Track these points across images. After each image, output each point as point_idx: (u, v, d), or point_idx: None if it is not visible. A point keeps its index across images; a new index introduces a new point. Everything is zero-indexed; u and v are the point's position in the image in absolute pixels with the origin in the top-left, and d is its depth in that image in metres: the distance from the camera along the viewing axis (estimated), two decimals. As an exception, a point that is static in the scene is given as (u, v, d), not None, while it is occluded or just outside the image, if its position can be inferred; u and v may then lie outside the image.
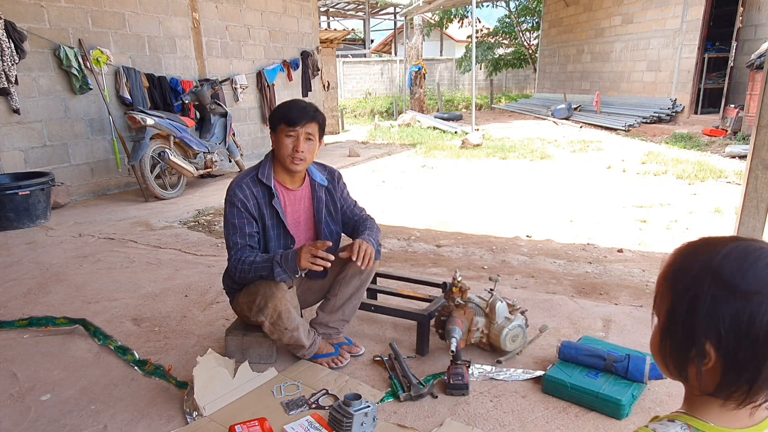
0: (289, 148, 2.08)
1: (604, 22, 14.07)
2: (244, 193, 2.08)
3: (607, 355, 2.05)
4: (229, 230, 2.10)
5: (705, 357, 0.70)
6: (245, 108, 8.19)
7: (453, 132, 12.01)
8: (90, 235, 4.46)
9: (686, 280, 0.72)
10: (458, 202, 5.80)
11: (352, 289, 2.29)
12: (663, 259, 0.79)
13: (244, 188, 2.09)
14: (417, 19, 17.08)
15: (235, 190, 2.09)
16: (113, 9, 6.03)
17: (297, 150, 2.08)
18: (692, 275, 0.71)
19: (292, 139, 2.08)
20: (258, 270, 2.05)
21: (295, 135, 2.07)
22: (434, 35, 27.59)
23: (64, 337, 2.59)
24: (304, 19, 9.29)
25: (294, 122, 2.06)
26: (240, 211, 2.07)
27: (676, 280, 0.74)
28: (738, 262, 0.69)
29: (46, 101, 5.50)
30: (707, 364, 0.70)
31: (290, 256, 2.01)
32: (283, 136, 2.08)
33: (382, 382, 2.15)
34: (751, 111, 8.77)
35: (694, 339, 0.70)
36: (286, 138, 2.08)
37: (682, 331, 0.72)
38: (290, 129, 2.07)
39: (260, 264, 2.04)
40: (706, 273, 0.70)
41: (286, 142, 2.08)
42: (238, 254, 2.08)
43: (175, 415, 1.95)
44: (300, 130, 2.07)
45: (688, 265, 0.73)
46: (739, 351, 0.67)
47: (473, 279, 3.29)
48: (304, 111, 2.09)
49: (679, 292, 0.73)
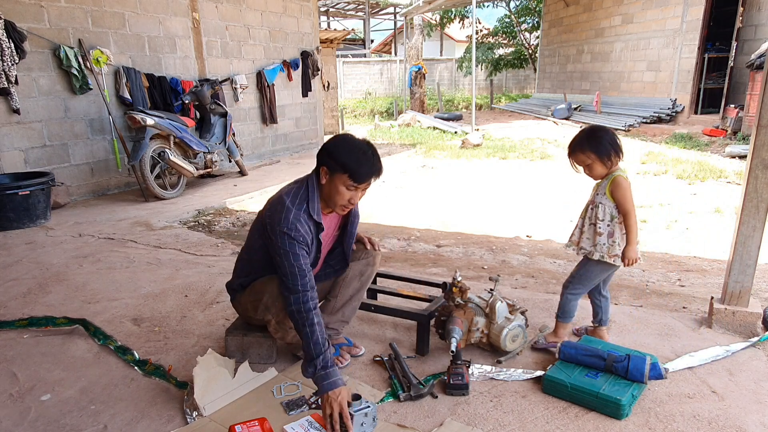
0: (345, 199, 1.97)
1: (604, 22, 14.06)
2: (304, 229, 1.97)
3: (607, 355, 2.05)
4: (291, 258, 1.93)
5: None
6: (245, 108, 8.19)
7: (453, 132, 12.01)
8: (90, 235, 4.46)
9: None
10: (458, 202, 5.80)
11: (352, 291, 2.29)
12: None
13: (303, 224, 1.97)
14: (417, 19, 17.09)
15: (296, 225, 1.94)
16: (113, 9, 6.03)
17: (353, 203, 2.02)
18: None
19: (352, 193, 1.97)
20: (302, 330, 1.89)
21: (355, 189, 1.96)
22: (434, 35, 27.59)
23: (64, 337, 2.59)
24: (304, 19, 9.29)
25: (361, 180, 1.94)
26: (301, 246, 1.95)
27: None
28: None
29: (46, 101, 5.49)
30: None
31: (324, 375, 1.82)
32: (342, 187, 1.95)
33: (382, 382, 2.15)
34: (751, 111, 8.77)
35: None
36: (345, 189, 1.95)
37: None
38: (353, 184, 1.94)
39: (309, 330, 1.87)
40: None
41: (344, 193, 1.96)
42: (307, 281, 1.93)
43: (175, 415, 1.95)
44: (363, 187, 1.98)
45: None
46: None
47: (473, 279, 3.29)
48: (374, 169, 1.96)
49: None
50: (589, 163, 2.20)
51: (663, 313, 2.76)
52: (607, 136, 2.18)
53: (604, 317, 2.39)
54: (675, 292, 3.14)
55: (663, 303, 2.95)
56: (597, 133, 2.20)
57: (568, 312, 2.32)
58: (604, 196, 2.20)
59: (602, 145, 2.15)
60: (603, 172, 2.20)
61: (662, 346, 2.39)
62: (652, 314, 2.73)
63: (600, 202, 2.21)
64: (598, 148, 2.16)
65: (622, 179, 2.16)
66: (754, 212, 2.36)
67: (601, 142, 2.16)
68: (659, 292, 3.11)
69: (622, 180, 2.16)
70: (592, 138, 2.19)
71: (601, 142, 2.16)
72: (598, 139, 2.17)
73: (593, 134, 2.20)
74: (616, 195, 2.17)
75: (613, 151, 2.15)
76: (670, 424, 1.84)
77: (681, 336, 2.48)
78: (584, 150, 2.19)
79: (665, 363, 2.17)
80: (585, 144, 2.19)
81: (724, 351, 2.30)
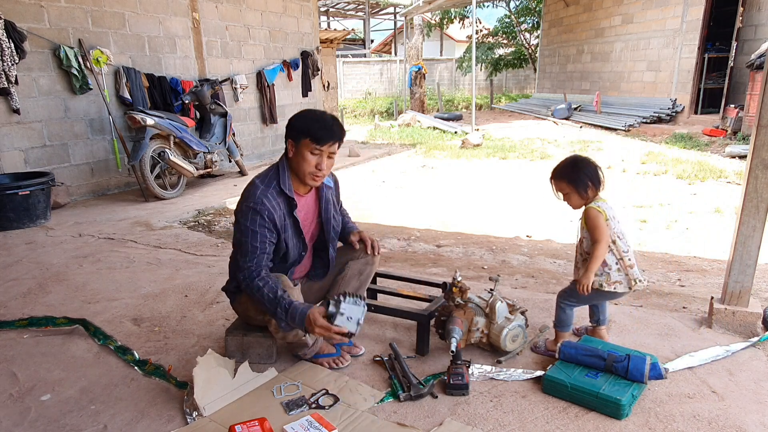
0: (312, 164, 2.03)
1: (604, 22, 14.07)
2: (271, 204, 2.02)
3: (607, 355, 2.05)
4: (248, 236, 2.01)
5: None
6: (245, 108, 8.19)
7: (453, 132, 12.01)
8: (90, 235, 4.46)
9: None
10: (458, 202, 5.80)
11: (351, 290, 2.29)
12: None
13: (271, 199, 2.03)
14: (417, 19, 17.09)
15: (262, 199, 2.01)
16: (113, 9, 6.03)
17: (320, 168, 2.05)
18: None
19: (317, 157, 2.03)
20: (266, 300, 1.97)
21: (320, 153, 2.03)
22: (434, 35, 27.60)
23: (64, 337, 2.59)
24: (304, 19, 9.29)
25: (321, 141, 2.01)
26: (264, 220, 2.00)
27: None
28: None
29: (46, 101, 5.50)
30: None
31: (297, 317, 1.91)
32: (307, 152, 2.02)
33: (382, 382, 2.15)
34: (751, 111, 8.77)
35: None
36: (310, 154, 2.02)
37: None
38: (316, 147, 2.01)
39: (270, 295, 1.96)
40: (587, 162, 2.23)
41: (310, 159, 2.03)
42: (255, 261, 2.01)
43: (175, 415, 1.95)
44: (326, 149, 2.03)
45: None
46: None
47: (473, 279, 3.29)
48: (332, 130, 2.03)
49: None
50: (567, 193, 2.22)
51: (663, 313, 2.76)
52: (588, 169, 2.18)
53: (602, 317, 2.39)
54: (675, 292, 3.14)
55: (663, 303, 2.95)
56: (578, 163, 2.21)
57: (564, 321, 2.31)
58: (584, 229, 2.22)
59: (580, 177, 2.17)
60: (579, 203, 2.22)
61: (662, 346, 2.39)
62: (652, 314, 2.73)
63: (585, 236, 2.23)
64: (575, 179, 2.18)
65: (593, 211, 2.15)
66: (754, 212, 2.36)
67: (580, 174, 2.17)
68: (659, 292, 3.11)
69: (592, 211, 2.16)
70: (572, 168, 2.20)
71: (579, 173, 2.18)
72: (577, 170, 2.19)
73: (574, 165, 2.21)
74: (587, 226, 2.18)
75: (591, 184, 2.16)
76: (670, 424, 1.84)
77: (681, 336, 2.48)
78: (562, 180, 2.22)
79: (665, 363, 2.17)
80: (564, 174, 2.21)
81: (724, 351, 2.30)
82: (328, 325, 1.87)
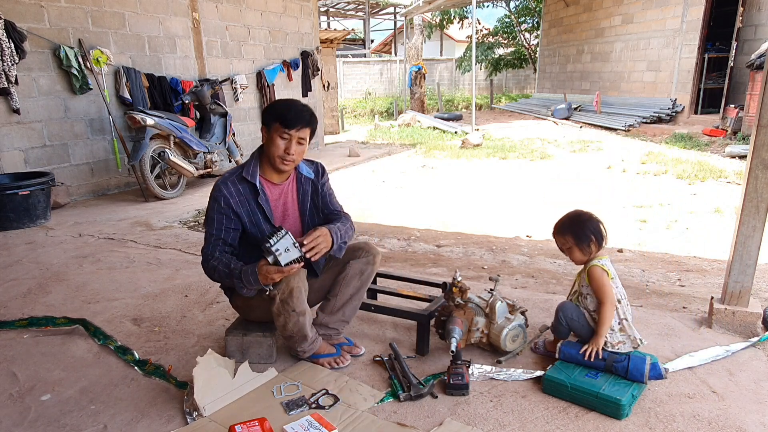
0: (281, 149, 2.09)
1: (604, 22, 14.07)
2: (228, 191, 2.11)
3: (607, 354, 2.05)
4: (207, 223, 2.14)
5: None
6: (245, 108, 8.19)
7: (453, 132, 12.01)
8: (90, 235, 4.46)
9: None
10: (458, 202, 5.80)
11: (352, 290, 2.29)
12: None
13: (229, 186, 2.12)
14: (417, 19, 17.10)
15: (220, 186, 2.11)
16: (113, 9, 6.03)
17: (288, 152, 2.09)
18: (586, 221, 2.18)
19: (285, 142, 2.08)
20: (222, 276, 2.06)
21: (288, 137, 2.08)
22: (434, 35, 27.58)
23: (64, 337, 2.59)
24: (304, 19, 9.29)
25: (290, 125, 2.06)
26: (221, 207, 2.10)
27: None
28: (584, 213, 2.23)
29: (46, 101, 5.50)
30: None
31: (251, 277, 1.98)
32: (277, 136, 2.08)
33: (382, 382, 2.15)
34: (751, 111, 8.77)
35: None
36: (279, 138, 2.08)
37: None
38: (285, 131, 2.07)
39: (224, 270, 2.03)
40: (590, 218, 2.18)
41: (279, 143, 2.08)
42: (211, 247, 2.11)
43: (175, 415, 1.95)
44: (294, 134, 2.08)
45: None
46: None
47: (473, 279, 3.29)
48: (301, 115, 2.09)
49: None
50: (569, 247, 2.18)
51: (663, 313, 2.76)
52: (591, 224, 2.15)
53: None
54: (675, 292, 3.14)
55: (663, 303, 2.95)
56: (581, 218, 2.18)
57: (561, 333, 2.27)
58: (588, 287, 2.15)
59: (583, 232, 2.13)
60: (582, 258, 2.18)
61: (662, 346, 2.39)
62: (652, 314, 2.73)
63: (587, 294, 2.17)
64: (578, 234, 2.14)
65: (597, 270, 2.10)
66: (754, 212, 2.36)
67: (583, 229, 2.14)
68: (659, 292, 3.11)
69: (596, 270, 2.10)
70: (574, 223, 2.17)
71: (582, 228, 2.14)
72: (580, 225, 2.15)
73: (577, 219, 2.18)
74: (592, 285, 2.12)
75: (594, 240, 2.13)
76: (670, 424, 1.84)
77: (681, 336, 2.48)
78: (565, 234, 2.18)
79: (665, 363, 2.17)
80: (567, 228, 2.18)
81: (724, 351, 2.30)
82: (279, 267, 1.92)
